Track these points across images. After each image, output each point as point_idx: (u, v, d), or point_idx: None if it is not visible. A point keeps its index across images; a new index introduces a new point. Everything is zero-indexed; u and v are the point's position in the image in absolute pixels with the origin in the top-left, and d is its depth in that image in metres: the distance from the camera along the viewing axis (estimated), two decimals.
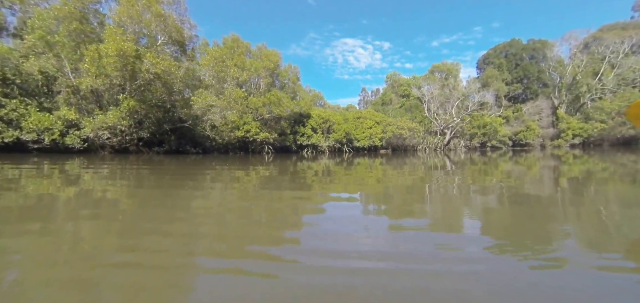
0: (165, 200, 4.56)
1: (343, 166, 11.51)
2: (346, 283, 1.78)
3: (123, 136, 15.24)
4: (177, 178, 7.34)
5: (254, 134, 20.87)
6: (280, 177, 7.65)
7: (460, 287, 1.73)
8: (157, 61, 14.59)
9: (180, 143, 18.08)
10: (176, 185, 6.19)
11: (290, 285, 1.77)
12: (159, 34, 16.79)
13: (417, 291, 1.69)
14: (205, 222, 3.29)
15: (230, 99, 17.07)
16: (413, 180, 7.10)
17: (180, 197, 4.85)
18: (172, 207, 4.07)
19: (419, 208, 3.92)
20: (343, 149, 26.39)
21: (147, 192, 5.34)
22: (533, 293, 1.65)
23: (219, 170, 9.31)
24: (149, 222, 3.30)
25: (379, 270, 1.98)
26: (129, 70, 14.39)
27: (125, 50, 13.69)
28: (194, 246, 2.48)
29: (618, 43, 35.34)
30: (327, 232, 2.90)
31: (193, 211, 3.79)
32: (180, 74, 16.39)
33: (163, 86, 15.83)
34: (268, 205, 4.26)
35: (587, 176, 7.17)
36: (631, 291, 1.68)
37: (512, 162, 12.22)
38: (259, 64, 22.74)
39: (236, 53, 23.60)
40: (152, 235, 2.79)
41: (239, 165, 11.77)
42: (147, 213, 3.74)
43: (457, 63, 40.15)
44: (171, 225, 3.15)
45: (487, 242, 2.60)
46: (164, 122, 16.90)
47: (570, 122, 34.69)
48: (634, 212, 3.64)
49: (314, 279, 1.84)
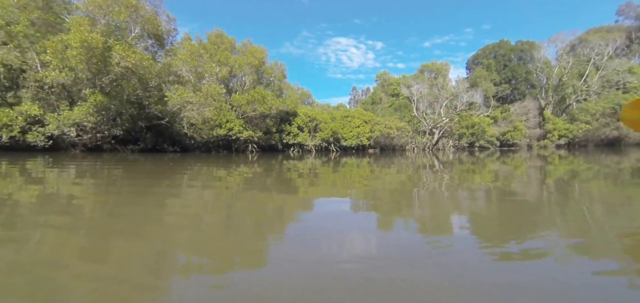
0: (137, 202, 4.29)
1: (330, 166, 11.28)
2: (334, 285, 1.73)
3: (94, 133, 14.58)
4: (152, 178, 7.03)
5: (237, 132, 20.42)
6: (262, 178, 7.35)
7: (447, 281, 1.76)
8: (127, 54, 13.88)
9: (157, 141, 17.47)
10: (150, 185, 5.87)
11: (274, 286, 1.71)
12: (131, 25, 16.09)
13: (406, 288, 1.69)
14: (180, 224, 3.12)
15: (207, 95, 16.46)
16: (401, 180, 7.02)
17: (153, 197, 4.58)
18: (144, 208, 3.80)
19: (407, 209, 3.87)
20: (330, 148, 26.19)
21: (116, 193, 4.98)
22: (519, 286, 1.71)
23: (198, 170, 8.90)
24: (117, 225, 3.06)
25: (368, 270, 1.94)
26: (95, 63, 13.62)
27: (90, 42, 12.93)
28: (169, 247, 2.36)
29: (603, 45, 36.19)
30: (311, 234, 2.80)
31: (167, 212, 3.61)
32: (157, 68, 15.75)
33: (139, 81, 15.20)
34: (248, 206, 4.11)
35: (572, 176, 7.30)
36: (608, 284, 1.77)
37: (500, 162, 12.23)
38: (243, 60, 22.26)
39: (220, 49, 23.11)
40: (120, 240, 2.60)
41: (220, 164, 11.36)
42: (115, 215, 3.48)
43: (447, 63, 40.45)
44: (143, 228, 2.94)
45: (475, 239, 2.62)
46: (139, 119, 16.23)
47: (556, 122, 35.34)
48: (615, 210, 3.72)
49: (298, 281, 1.79)
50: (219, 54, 21.80)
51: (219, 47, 23.30)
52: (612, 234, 2.70)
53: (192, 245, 2.45)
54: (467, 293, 1.61)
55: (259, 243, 2.56)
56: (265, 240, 2.65)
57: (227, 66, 20.10)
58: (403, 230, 2.93)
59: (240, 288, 1.70)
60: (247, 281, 1.79)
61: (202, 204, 4.17)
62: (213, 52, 22.92)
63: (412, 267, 1.96)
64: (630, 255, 2.24)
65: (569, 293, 1.63)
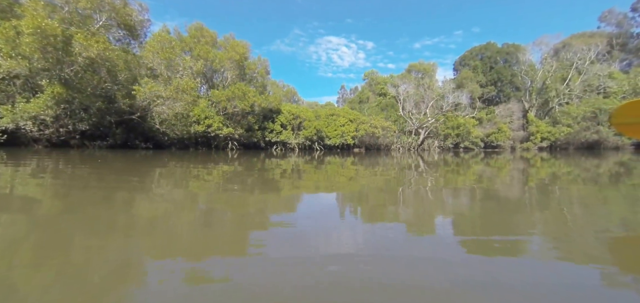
0: (99, 202, 3.93)
1: (312, 165, 10.97)
2: (314, 284, 1.71)
3: (56, 128, 13.69)
4: (121, 175, 6.69)
5: (216, 129, 19.77)
6: (239, 176, 7.00)
7: (431, 279, 1.79)
8: (89, 43, 12.98)
9: (128, 137, 16.62)
10: (116, 184, 5.47)
11: (251, 288, 1.67)
12: (96, 13, 15.19)
13: (384, 288, 1.69)
14: (148, 224, 2.96)
15: (178, 89, 15.74)
16: (385, 180, 6.91)
17: (119, 197, 4.29)
18: (108, 209, 3.51)
19: (390, 209, 3.82)
20: (314, 147, 25.82)
21: (78, 192, 4.55)
22: (502, 283, 1.76)
23: (171, 168, 8.42)
24: (76, 228, 2.75)
25: (347, 269, 1.92)
26: (51, 51, 12.70)
27: (45, 29, 12.01)
28: (137, 248, 2.26)
29: (585, 50, 37.05)
30: (290, 232, 2.75)
31: (133, 212, 3.44)
32: (126, 59, 14.87)
33: (108, 74, 14.35)
34: (226, 205, 3.94)
35: (553, 178, 7.42)
36: (587, 281, 1.84)
37: (484, 164, 12.24)
38: (223, 55, 21.58)
39: (200, 43, 22.37)
40: (78, 245, 2.35)
41: (198, 161, 10.90)
42: (74, 217, 3.15)
43: (434, 63, 40.64)
44: (107, 229, 2.73)
45: (458, 238, 2.67)
46: (108, 114, 15.35)
47: (539, 125, 36.00)
48: (593, 212, 3.82)
49: (278, 279, 1.76)
50: (198, 48, 21.06)
51: (199, 41, 22.56)
52: (589, 234, 2.77)
53: (162, 246, 2.33)
54: (447, 293, 1.63)
55: (236, 244, 2.47)
56: (242, 240, 2.57)
57: (204, 60, 19.33)
58: (384, 230, 2.87)
59: (218, 287, 1.66)
60: (224, 281, 1.73)
61: (173, 204, 3.90)
62: (193, 45, 22.18)
63: (391, 267, 1.96)
64: (607, 253, 2.32)
65: (548, 291, 1.67)
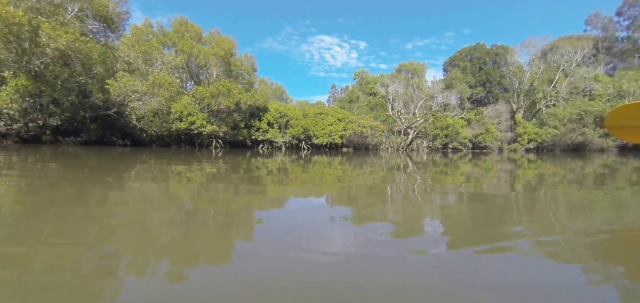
0: (69, 201, 3.75)
1: (299, 164, 10.76)
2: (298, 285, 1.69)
3: (25, 122, 12.96)
4: (94, 172, 6.50)
5: (199, 126, 19.22)
6: (221, 176, 6.72)
7: (419, 278, 1.81)
8: (57, 34, 12.25)
9: (105, 133, 15.93)
10: (87, 182, 5.16)
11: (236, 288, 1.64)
12: (68, 2, 14.41)
13: (376, 284, 1.71)
14: (122, 224, 2.82)
15: (155, 84, 15.10)
16: (374, 180, 6.88)
17: (92, 195, 4.07)
18: (77, 208, 3.35)
19: (378, 209, 3.76)
20: (301, 146, 25.47)
21: (47, 190, 4.35)
22: (490, 282, 1.79)
23: (149, 166, 8.10)
24: (43, 226, 2.63)
25: (332, 270, 1.92)
26: (15, 42, 11.89)
27: (7, 17, 11.23)
28: (111, 249, 2.17)
29: (572, 52, 37.62)
30: (273, 232, 2.71)
31: (107, 212, 3.26)
32: (102, 52, 14.12)
33: (83, 67, 13.63)
34: (206, 206, 3.80)
35: (540, 180, 7.53)
36: (572, 279, 1.89)
37: (472, 165, 12.27)
38: (208, 50, 21.00)
39: (184, 38, 21.74)
40: (46, 243, 2.24)
41: (180, 160, 10.53)
42: (42, 215, 2.98)
43: (424, 63, 40.76)
44: (80, 229, 2.57)
45: (445, 237, 2.69)
46: (82, 109, 14.62)
47: (526, 126, 36.40)
48: (578, 212, 3.93)
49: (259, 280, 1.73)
50: (182, 43, 20.45)
51: (183, 35, 21.92)
52: (574, 234, 2.82)
53: (139, 246, 2.25)
54: (433, 293, 1.64)
55: (215, 244, 2.40)
56: (223, 240, 2.51)
57: (188, 55, 18.71)
58: (371, 231, 2.83)
59: (197, 288, 1.62)
60: (202, 283, 1.70)
61: (148, 203, 3.79)
62: (176, 40, 21.54)
63: (377, 267, 1.95)
64: (591, 253, 2.35)
65: (534, 289, 1.70)
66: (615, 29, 49.12)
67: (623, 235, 2.89)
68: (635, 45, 45.80)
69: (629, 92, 34.13)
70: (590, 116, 32.51)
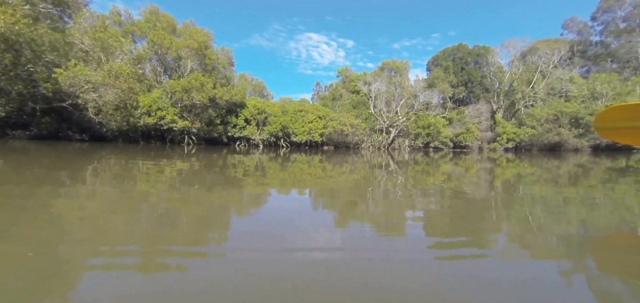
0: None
1: (278, 162, 10.53)
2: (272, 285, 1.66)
3: None
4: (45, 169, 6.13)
5: (170, 121, 18.33)
6: (188, 175, 6.40)
7: (400, 279, 1.80)
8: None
9: (59, 127, 14.82)
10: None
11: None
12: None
13: (358, 284, 1.71)
14: (73, 221, 2.74)
15: (111, 74, 14.07)
16: (354, 181, 6.74)
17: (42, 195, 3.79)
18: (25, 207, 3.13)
19: (358, 209, 3.73)
20: (279, 144, 24.91)
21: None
22: (468, 280, 1.80)
23: (107, 163, 7.63)
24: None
25: (316, 264, 1.96)
26: None
27: None
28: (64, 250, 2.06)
29: (549, 54, 38.81)
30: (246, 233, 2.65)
31: (54, 212, 3.07)
32: (48, 39, 12.89)
33: (32, 53, 12.50)
34: (169, 205, 3.65)
35: (518, 179, 7.77)
36: (548, 276, 1.94)
37: (453, 164, 12.42)
38: (181, 43, 20.10)
39: (155, 28, 20.72)
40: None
41: (144, 157, 10.00)
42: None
43: (407, 61, 40.98)
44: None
45: (426, 238, 2.70)
46: (32, 100, 13.48)
47: (505, 126, 37.23)
48: (554, 211, 3.98)
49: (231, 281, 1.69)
50: (152, 34, 19.46)
51: (154, 26, 20.89)
52: (549, 233, 2.86)
53: (99, 244, 2.17)
54: (411, 292, 1.64)
55: (181, 247, 2.26)
56: (189, 242, 2.37)
57: (156, 46, 17.75)
58: (350, 230, 2.84)
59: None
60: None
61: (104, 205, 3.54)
62: (146, 30, 20.51)
63: (359, 268, 1.93)
64: (565, 251, 2.40)
65: (508, 286, 1.76)
66: (590, 34, 51.22)
67: (594, 233, 3.01)
68: (608, 49, 47.88)
69: (602, 94, 35.54)
70: (566, 117, 33.55)
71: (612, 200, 4.93)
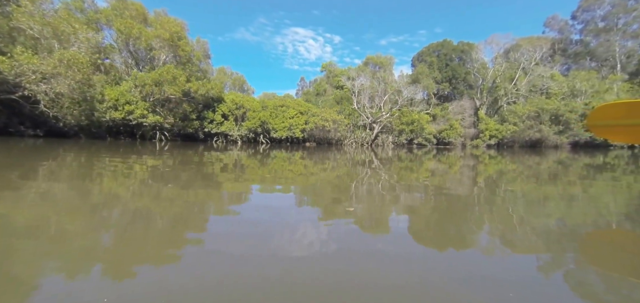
0: None
1: (257, 159, 10.07)
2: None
3: None
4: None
5: (139, 116, 17.38)
6: (160, 173, 6.00)
7: (387, 276, 1.78)
8: None
9: (9, 121, 13.68)
10: None
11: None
12: None
13: (344, 283, 1.68)
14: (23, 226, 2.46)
15: (62, 63, 12.96)
16: (337, 178, 6.61)
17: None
18: None
19: (340, 208, 3.54)
20: (259, 140, 24.26)
21: None
22: (454, 277, 1.80)
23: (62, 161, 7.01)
24: None
25: (300, 262, 1.93)
26: None
27: None
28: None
29: (531, 51, 39.54)
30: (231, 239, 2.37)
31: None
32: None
33: None
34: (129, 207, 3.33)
35: (500, 175, 7.91)
36: (528, 271, 1.98)
37: (436, 160, 12.36)
38: (151, 32, 19.09)
39: (123, 16, 19.62)
40: None
41: (114, 154, 9.40)
42: None
43: (391, 56, 40.83)
44: None
45: (410, 234, 2.70)
46: None
47: (488, 123, 37.72)
48: (536, 206, 4.05)
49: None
50: (119, 22, 18.39)
51: (121, 14, 19.78)
52: (531, 228, 2.90)
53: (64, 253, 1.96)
54: (397, 288, 1.64)
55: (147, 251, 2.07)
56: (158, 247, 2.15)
57: (124, 35, 16.73)
58: (334, 228, 2.77)
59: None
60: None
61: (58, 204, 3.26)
62: (113, 18, 19.38)
63: (342, 265, 1.92)
64: (546, 246, 2.42)
65: (492, 281, 1.77)
66: (570, 32, 52.66)
67: (574, 229, 3.07)
68: (587, 47, 49.32)
69: (581, 91, 36.48)
70: (547, 114, 34.24)
71: (590, 195, 5.03)
